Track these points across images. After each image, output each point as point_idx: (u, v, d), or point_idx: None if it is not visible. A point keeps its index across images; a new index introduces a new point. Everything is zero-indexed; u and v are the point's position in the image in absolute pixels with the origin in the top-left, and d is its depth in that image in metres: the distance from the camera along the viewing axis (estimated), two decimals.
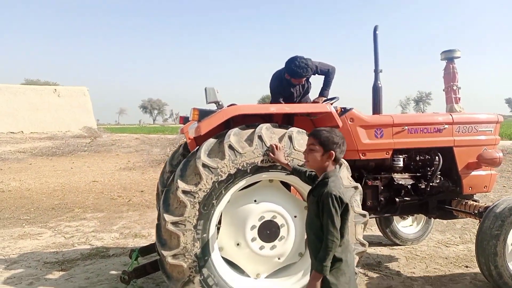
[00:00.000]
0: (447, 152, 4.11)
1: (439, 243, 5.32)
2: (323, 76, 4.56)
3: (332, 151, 2.35)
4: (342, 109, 3.98)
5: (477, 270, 3.85)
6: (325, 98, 4.47)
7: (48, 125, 30.78)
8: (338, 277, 2.23)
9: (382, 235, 5.35)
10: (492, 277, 3.60)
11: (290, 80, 4.30)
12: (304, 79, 4.32)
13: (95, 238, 5.82)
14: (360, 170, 4.02)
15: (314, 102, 4.48)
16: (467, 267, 4.43)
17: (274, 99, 4.47)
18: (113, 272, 4.42)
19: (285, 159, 3.03)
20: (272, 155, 3.01)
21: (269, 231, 3.20)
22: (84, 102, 34.20)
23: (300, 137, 3.16)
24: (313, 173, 2.66)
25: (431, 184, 4.10)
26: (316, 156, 2.39)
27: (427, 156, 4.16)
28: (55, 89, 33.39)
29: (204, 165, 2.93)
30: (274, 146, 3.03)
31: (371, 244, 5.28)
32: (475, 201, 4.18)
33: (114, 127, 67.27)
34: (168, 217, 2.88)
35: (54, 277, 4.30)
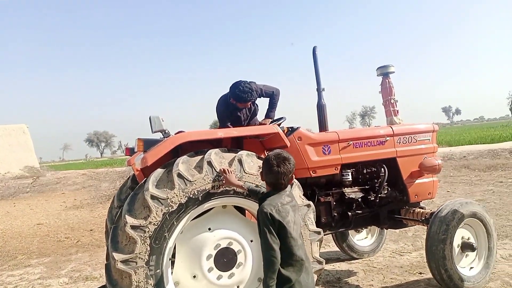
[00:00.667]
0: (391, 163, 4.27)
1: (393, 253, 5.47)
2: (268, 99, 4.64)
3: (265, 178, 2.54)
4: (289, 129, 4.05)
5: (430, 275, 3.97)
6: (271, 120, 4.54)
7: None
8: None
9: (339, 250, 5.41)
10: (444, 280, 3.74)
11: (236, 104, 4.33)
12: (250, 103, 4.37)
13: (42, 285, 5.39)
14: (312, 188, 4.07)
15: (261, 124, 4.53)
16: (420, 273, 4.56)
17: (222, 124, 4.47)
18: None
19: (238, 181, 3.01)
20: (224, 179, 2.99)
21: (226, 259, 3.12)
22: (24, 141, 32.34)
23: (249, 160, 3.16)
24: None
25: (379, 195, 4.23)
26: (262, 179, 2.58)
27: (373, 169, 4.30)
28: None
29: (153, 197, 2.83)
30: (225, 170, 3.00)
31: (330, 260, 5.33)
32: (422, 208, 4.37)
33: (59, 164, 64.19)
34: (117, 256, 2.73)
35: None
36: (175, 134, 3.35)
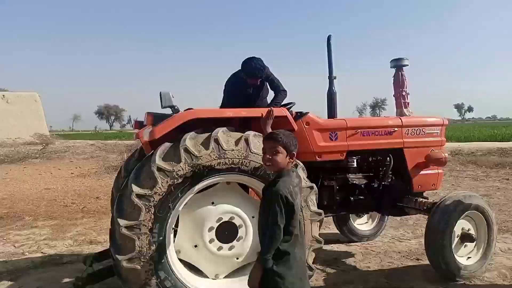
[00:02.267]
0: (398, 153, 4.29)
1: (393, 239, 5.53)
2: (274, 92, 4.59)
3: (294, 152, 2.48)
4: (298, 114, 4.06)
5: (428, 262, 4.04)
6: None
7: None
8: (284, 270, 2.29)
9: (339, 233, 5.47)
10: (441, 268, 3.82)
11: (246, 80, 4.30)
12: (259, 80, 4.32)
13: (48, 246, 5.55)
14: (316, 171, 4.09)
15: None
16: (418, 259, 4.63)
17: (227, 99, 4.42)
18: (66, 279, 4.25)
19: (269, 129, 3.06)
20: (263, 118, 3.10)
21: (227, 231, 3.21)
22: (35, 109, 32.55)
23: (256, 140, 3.19)
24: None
25: (383, 183, 4.26)
26: (281, 158, 2.46)
27: (379, 157, 4.32)
28: (3, 95, 31.48)
29: (159, 169, 2.89)
30: (270, 112, 3.17)
31: (329, 241, 5.40)
32: (425, 198, 4.39)
33: (68, 134, 64.87)
34: (122, 222, 2.82)
35: (3, 287, 4.08)
36: (184, 111, 3.38)
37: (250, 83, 4.34)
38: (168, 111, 3.53)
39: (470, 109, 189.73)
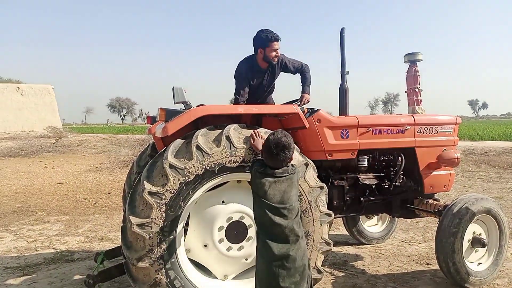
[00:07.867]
0: (409, 153, 4.24)
1: (402, 242, 5.49)
2: (299, 74, 4.65)
3: (291, 157, 2.72)
4: (309, 110, 4.04)
5: (437, 267, 3.99)
6: (308, 96, 4.53)
7: (10, 125, 29.62)
8: (297, 250, 2.51)
9: (348, 234, 5.45)
10: (450, 273, 3.75)
11: (260, 66, 4.35)
12: (277, 50, 4.30)
13: (59, 242, 5.65)
14: (327, 171, 4.07)
15: (302, 99, 4.50)
16: (428, 264, 4.59)
17: (240, 86, 4.37)
18: (77, 276, 4.31)
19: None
20: (252, 141, 3.07)
21: (236, 232, 3.21)
22: (49, 101, 33.05)
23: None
24: None
25: (394, 183, 4.21)
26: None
27: (390, 157, 4.27)
28: (18, 87, 32.02)
29: (171, 166, 2.90)
30: (255, 133, 3.10)
31: (338, 243, 5.39)
32: (436, 200, 4.34)
33: (81, 127, 65.60)
34: (134, 219, 2.84)
35: (16, 283, 4.15)
36: (196, 107, 3.39)
37: (269, 53, 4.29)
38: (180, 106, 3.54)
39: (484, 105, 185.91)
